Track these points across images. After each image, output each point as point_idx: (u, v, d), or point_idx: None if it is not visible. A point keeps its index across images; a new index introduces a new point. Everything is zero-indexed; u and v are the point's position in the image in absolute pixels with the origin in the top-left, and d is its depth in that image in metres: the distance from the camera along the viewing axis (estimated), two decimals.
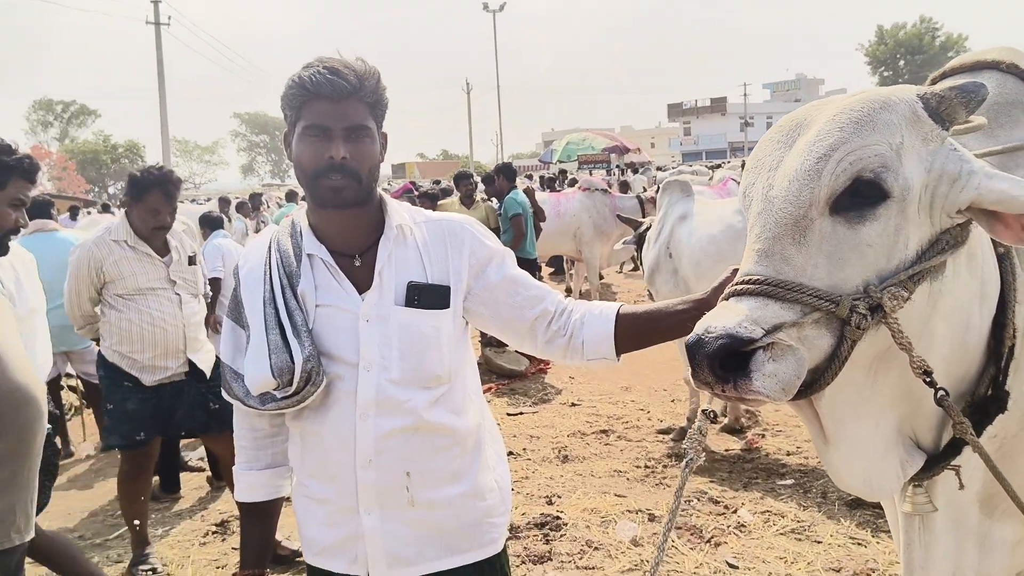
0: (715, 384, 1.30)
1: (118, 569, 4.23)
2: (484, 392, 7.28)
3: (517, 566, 3.98)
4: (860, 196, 1.37)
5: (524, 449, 5.74)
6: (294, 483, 1.83)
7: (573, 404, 6.82)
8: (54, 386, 6.13)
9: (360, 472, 1.66)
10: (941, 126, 1.44)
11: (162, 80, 32.10)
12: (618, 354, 1.75)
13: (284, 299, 1.66)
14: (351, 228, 1.72)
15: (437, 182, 15.51)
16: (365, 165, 1.66)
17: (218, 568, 4.20)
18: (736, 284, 1.38)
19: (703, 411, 1.65)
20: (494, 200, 8.61)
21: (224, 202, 14.84)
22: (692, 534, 4.17)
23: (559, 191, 12.76)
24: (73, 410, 6.83)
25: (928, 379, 1.41)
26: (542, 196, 10.41)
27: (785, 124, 1.53)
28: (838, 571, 3.71)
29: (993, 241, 1.62)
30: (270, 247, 1.75)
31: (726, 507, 4.48)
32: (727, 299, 1.38)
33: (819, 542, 4.00)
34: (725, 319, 1.31)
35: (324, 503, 1.73)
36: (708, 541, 4.10)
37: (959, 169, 1.42)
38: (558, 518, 4.44)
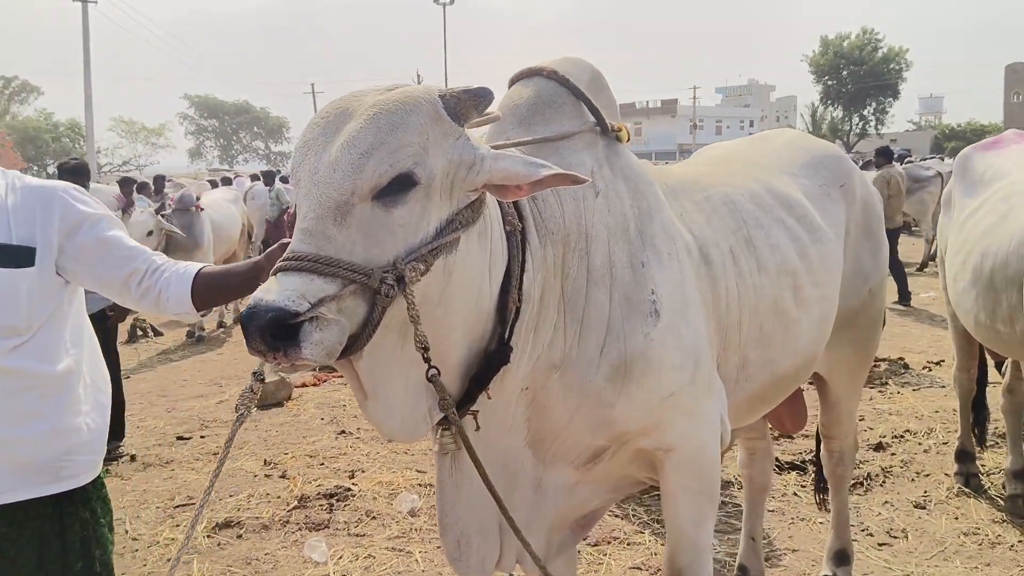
0: (267, 352, 1.48)
1: None
2: (332, 379, 7.21)
3: (293, 533, 4.19)
4: (395, 184, 1.60)
5: (358, 428, 5.93)
6: None
7: None
8: None
9: None
10: (458, 123, 1.71)
11: (87, 57, 32.25)
12: (198, 308, 2.01)
13: None
14: None
15: None
16: None
17: None
18: (283, 260, 1.56)
19: (253, 373, 1.81)
20: None
21: (160, 179, 14.34)
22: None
23: None
24: None
25: (426, 355, 1.66)
26: None
27: (331, 110, 1.73)
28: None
29: (504, 221, 1.89)
30: None
31: None
32: (275, 274, 1.56)
33: None
34: (274, 293, 1.48)
35: None
36: None
37: (473, 156, 1.71)
38: (349, 490, 4.66)
